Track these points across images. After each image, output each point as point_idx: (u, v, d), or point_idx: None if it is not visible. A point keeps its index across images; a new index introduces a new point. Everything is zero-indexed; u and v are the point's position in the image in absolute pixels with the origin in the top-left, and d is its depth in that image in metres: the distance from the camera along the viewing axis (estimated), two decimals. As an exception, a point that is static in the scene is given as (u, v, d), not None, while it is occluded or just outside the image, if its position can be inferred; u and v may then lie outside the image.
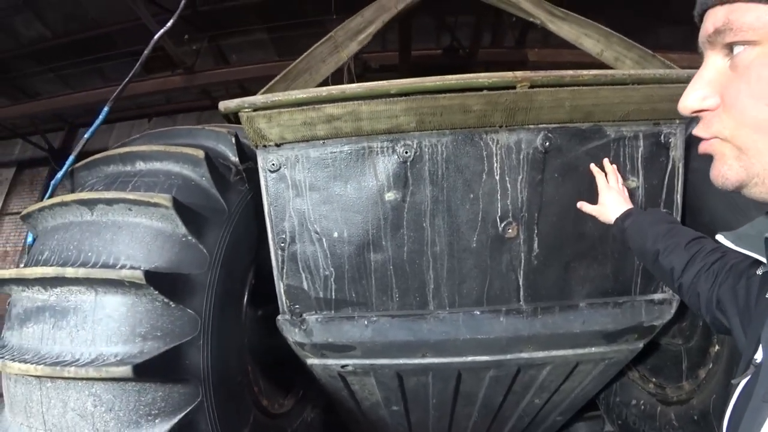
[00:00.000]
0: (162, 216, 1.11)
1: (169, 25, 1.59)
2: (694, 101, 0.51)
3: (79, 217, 1.14)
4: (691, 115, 0.52)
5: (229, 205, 1.27)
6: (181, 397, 1.06)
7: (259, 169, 1.25)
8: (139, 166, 1.28)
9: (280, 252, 1.29)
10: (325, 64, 1.48)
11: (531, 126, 1.21)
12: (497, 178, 1.24)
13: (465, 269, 1.31)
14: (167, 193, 1.12)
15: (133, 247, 1.08)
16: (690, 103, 0.51)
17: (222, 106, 1.17)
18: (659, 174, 1.28)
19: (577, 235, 1.30)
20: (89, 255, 1.07)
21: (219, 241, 1.21)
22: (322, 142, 1.21)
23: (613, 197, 1.14)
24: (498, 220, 1.27)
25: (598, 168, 1.21)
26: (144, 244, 1.09)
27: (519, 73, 1.11)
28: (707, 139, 0.51)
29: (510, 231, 1.27)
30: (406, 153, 1.20)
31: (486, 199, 1.25)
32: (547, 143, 1.21)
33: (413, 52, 4.12)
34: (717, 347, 1.39)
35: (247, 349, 1.37)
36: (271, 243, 1.29)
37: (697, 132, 0.52)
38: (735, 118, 0.47)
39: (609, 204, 1.14)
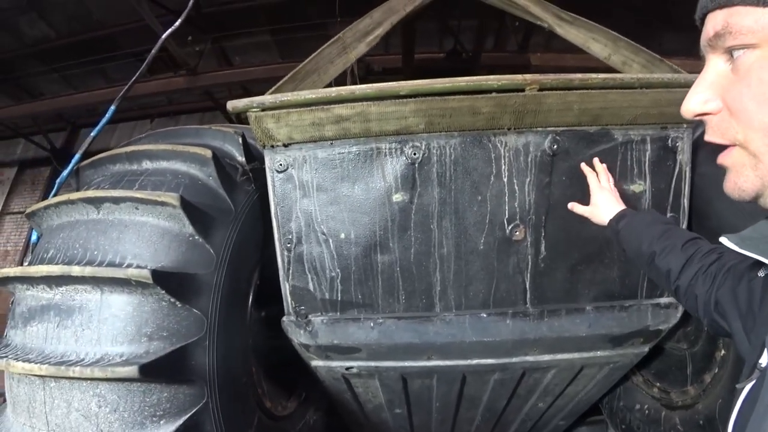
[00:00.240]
0: (169, 215, 1.10)
1: (177, 25, 1.59)
2: (695, 104, 0.51)
3: (86, 216, 1.14)
4: (694, 119, 0.53)
5: (236, 205, 1.27)
6: (187, 398, 1.05)
7: (267, 170, 1.24)
8: (146, 165, 1.28)
9: (286, 253, 1.28)
10: (334, 65, 1.48)
11: (539, 129, 1.20)
12: (505, 180, 1.24)
13: (472, 271, 1.30)
14: (174, 192, 1.11)
15: (140, 246, 1.08)
16: (692, 107, 0.52)
17: (230, 105, 1.17)
18: (666, 178, 1.28)
19: (585, 238, 1.29)
20: (95, 253, 1.06)
21: (225, 241, 1.20)
22: (330, 142, 1.20)
23: (606, 197, 1.14)
24: (505, 222, 1.26)
25: (589, 168, 1.20)
26: (151, 243, 1.08)
27: (528, 76, 1.11)
28: (726, 148, 0.51)
29: (517, 233, 1.27)
30: (414, 154, 1.20)
31: (494, 202, 1.25)
32: (555, 146, 1.21)
33: (416, 55, 4.13)
34: (723, 351, 1.38)
35: (252, 351, 1.37)
36: (278, 244, 1.29)
37: (710, 138, 0.52)
38: (743, 122, 0.47)
39: (601, 205, 1.13)
